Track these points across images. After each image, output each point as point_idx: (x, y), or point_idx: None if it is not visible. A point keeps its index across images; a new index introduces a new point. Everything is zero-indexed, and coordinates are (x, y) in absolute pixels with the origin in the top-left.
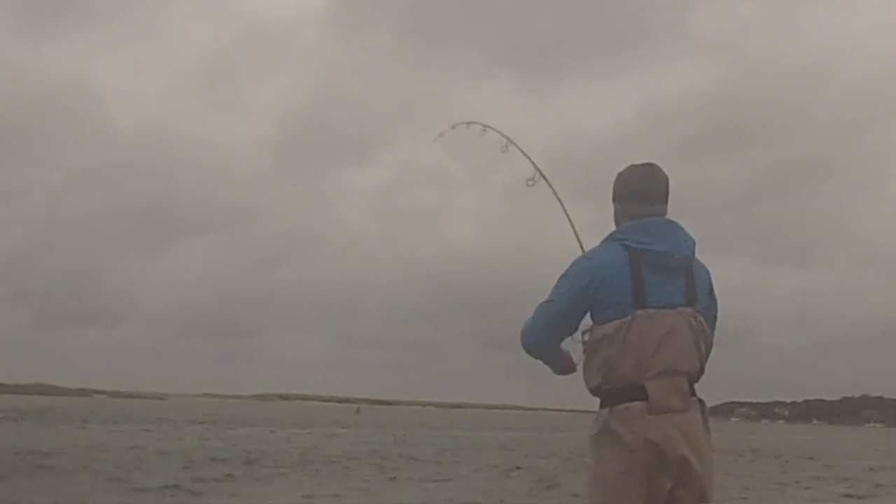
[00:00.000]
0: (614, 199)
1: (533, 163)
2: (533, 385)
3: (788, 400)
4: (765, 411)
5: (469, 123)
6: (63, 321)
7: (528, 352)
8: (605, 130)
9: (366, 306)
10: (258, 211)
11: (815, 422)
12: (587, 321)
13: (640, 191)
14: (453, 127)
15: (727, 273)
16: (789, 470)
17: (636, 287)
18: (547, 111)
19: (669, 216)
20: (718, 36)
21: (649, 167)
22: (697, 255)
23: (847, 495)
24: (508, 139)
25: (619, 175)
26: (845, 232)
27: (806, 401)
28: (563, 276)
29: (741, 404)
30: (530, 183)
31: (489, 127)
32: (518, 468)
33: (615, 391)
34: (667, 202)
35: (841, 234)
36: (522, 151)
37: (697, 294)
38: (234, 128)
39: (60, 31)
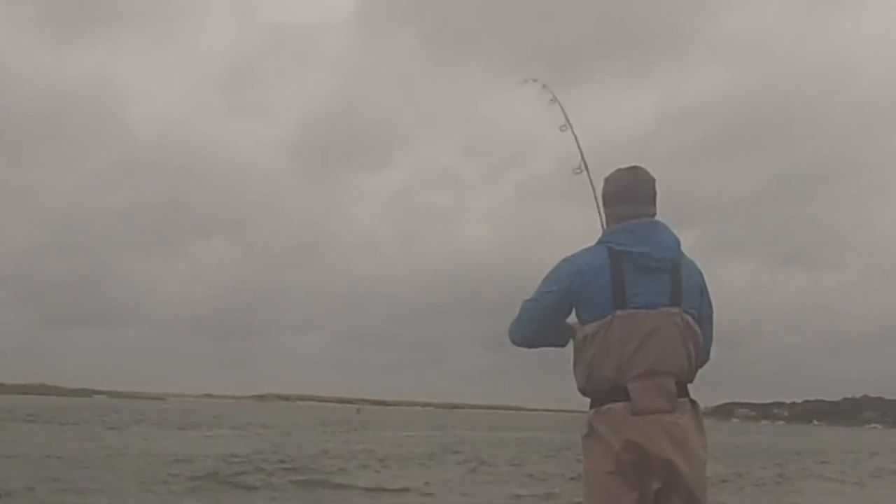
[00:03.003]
0: (603, 204)
1: (581, 151)
2: (533, 386)
3: (788, 401)
4: (765, 412)
5: (544, 86)
6: (70, 322)
7: (515, 345)
8: (624, 134)
9: (373, 307)
10: (273, 213)
11: (815, 423)
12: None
13: (625, 193)
14: (525, 81)
15: (737, 274)
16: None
17: (616, 288)
18: (569, 115)
19: (681, 217)
20: (741, 41)
21: (634, 169)
22: (700, 257)
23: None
24: (568, 122)
25: (606, 179)
26: (858, 235)
27: (806, 401)
28: (548, 276)
29: (741, 405)
30: (577, 171)
31: (556, 100)
32: None
33: (600, 392)
34: (654, 203)
35: (853, 236)
36: (575, 137)
37: (684, 294)
38: (254, 130)
39: (86, 35)
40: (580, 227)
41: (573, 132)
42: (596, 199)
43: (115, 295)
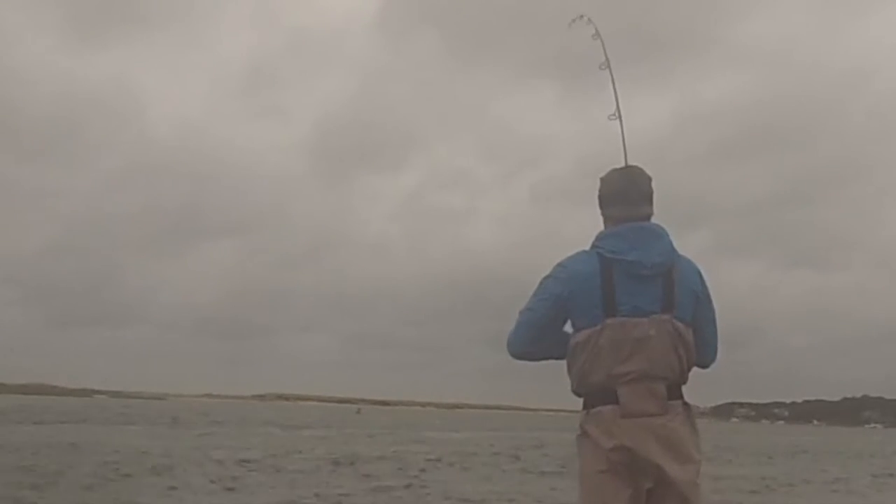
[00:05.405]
0: (599, 205)
1: (616, 95)
2: (537, 386)
3: (788, 400)
4: (765, 412)
5: (589, 21)
6: (75, 322)
7: (515, 358)
8: (641, 136)
9: (380, 308)
10: (286, 214)
11: (815, 422)
12: None
13: (619, 194)
14: (573, 21)
15: (746, 275)
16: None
17: (606, 296)
18: (585, 118)
19: (694, 218)
20: (760, 46)
21: (628, 169)
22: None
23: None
24: (608, 61)
25: (601, 179)
26: (867, 236)
27: (806, 401)
28: (540, 285)
29: (741, 405)
30: (612, 117)
31: (598, 36)
32: None
33: (591, 394)
34: (651, 203)
35: (862, 238)
36: (612, 79)
37: (676, 300)
38: (272, 132)
39: (107, 38)
40: (590, 229)
41: (611, 72)
42: (624, 144)
43: (122, 296)
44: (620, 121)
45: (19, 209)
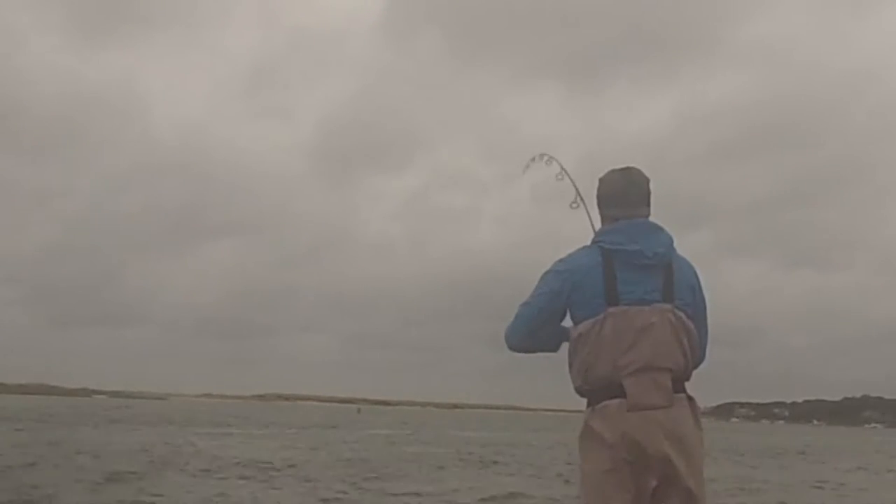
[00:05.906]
0: (597, 205)
1: (577, 192)
2: (536, 386)
3: (789, 400)
4: (765, 412)
5: (542, 156)
6: (76, 322)
7: (513, 350)
8: (644, 135)
9: (381, 308)
10: (288, 214)
11: (815, 422)
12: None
13: (618, 195)
14: (532, 160)
15: (747, 275)
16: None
17: (608, 286)
18: (588, 119)
19: (695, 218)
20: (763, 46)
21: (627, 171)
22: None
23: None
24: (564, 170)
25: (600, 180)
26: (867, 236)
27: (806, 401)
28: (541, 278)
29: (741, 405)
30: (574, 206)
31: (553, 158)
32: None
33: (595, 390)
34: (648, 205)
35: (863, 238)
36: (573, 182)
37: (675, 291)
38: (275, 133)
39: (111, 39)
40: (591, 229)
41: (585, 206)
42: (593, 227)
43: (123, 296)
44: (585, 207)
45: (20, 209)
